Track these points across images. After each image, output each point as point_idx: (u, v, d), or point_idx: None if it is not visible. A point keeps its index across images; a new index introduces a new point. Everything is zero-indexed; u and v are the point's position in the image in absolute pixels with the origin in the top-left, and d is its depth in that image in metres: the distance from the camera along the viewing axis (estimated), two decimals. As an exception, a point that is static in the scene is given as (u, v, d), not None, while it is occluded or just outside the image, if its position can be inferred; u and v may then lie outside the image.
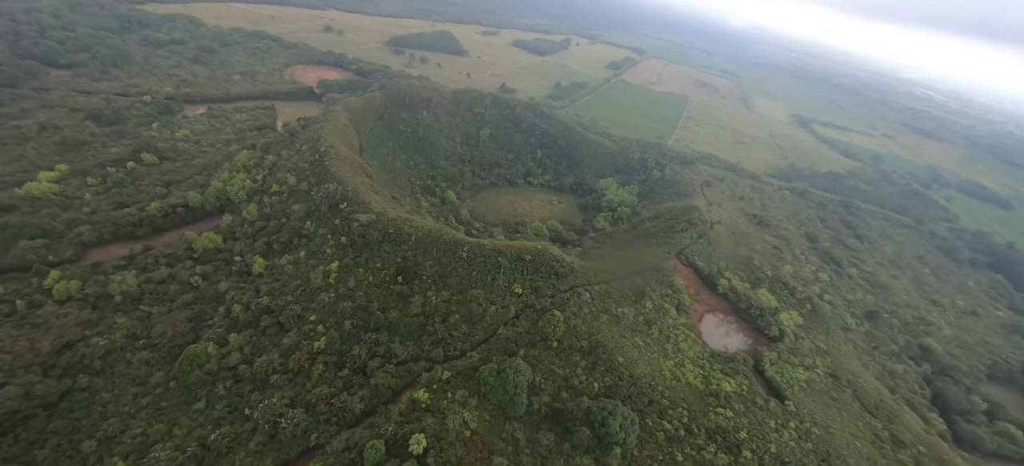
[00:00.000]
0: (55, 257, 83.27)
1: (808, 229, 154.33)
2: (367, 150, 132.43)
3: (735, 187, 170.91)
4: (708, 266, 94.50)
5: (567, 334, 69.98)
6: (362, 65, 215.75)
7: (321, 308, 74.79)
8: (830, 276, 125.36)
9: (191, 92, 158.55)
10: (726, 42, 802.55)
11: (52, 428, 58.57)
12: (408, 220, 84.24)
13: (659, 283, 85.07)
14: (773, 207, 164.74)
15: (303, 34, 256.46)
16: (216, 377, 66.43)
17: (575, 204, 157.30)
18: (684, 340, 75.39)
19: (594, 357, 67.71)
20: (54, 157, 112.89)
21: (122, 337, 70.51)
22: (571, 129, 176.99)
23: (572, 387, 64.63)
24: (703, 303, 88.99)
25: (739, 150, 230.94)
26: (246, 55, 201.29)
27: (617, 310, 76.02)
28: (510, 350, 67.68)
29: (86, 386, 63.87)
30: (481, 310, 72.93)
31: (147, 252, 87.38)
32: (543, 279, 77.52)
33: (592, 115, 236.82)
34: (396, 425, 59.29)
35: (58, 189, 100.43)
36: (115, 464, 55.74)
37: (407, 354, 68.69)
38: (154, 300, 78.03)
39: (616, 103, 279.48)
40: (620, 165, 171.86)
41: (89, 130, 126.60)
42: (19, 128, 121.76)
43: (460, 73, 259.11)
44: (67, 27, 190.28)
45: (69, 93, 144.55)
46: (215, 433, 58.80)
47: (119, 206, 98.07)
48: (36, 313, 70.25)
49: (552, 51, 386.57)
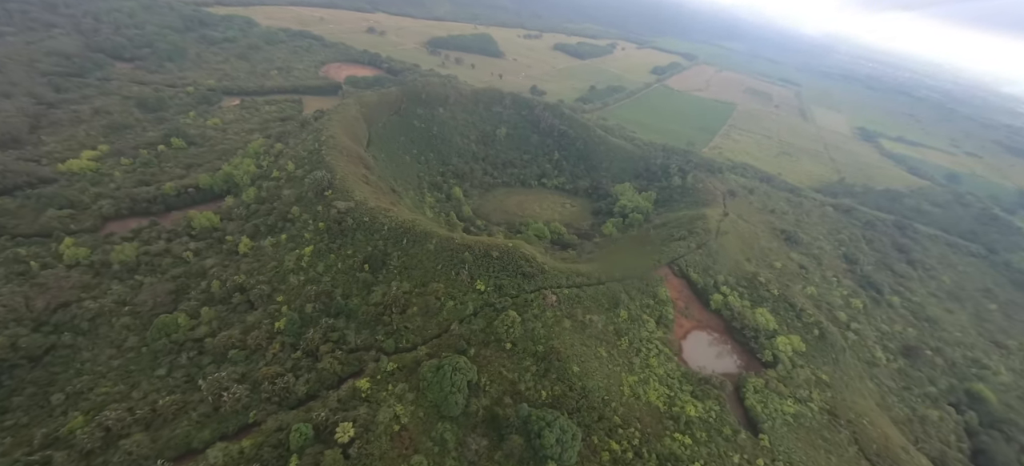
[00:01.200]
0: (76, 226, 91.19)
1: (849, 250, 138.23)
2: (377, 143, 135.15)
3: (767, 199, 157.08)
4: (703, 279, 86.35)
5: (523, 336, 66.22)
6: (393, 64, 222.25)
7: (289, 290, 76.27)
8: (864, 303, 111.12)
9: (230, 85, 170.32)
10: (794, 50, 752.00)
11: (31, 378, 63.54)
12: (384, 210, 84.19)
13: (640, 292, 78.71)
14: (810, 223, 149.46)
15: (346, 35, 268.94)
16: (181, 347, 69.30)
17: (588, 208, 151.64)
18: (655, 355, 68.90)
19: (547, 363, 63.47)
20: (99, 138, 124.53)
21: (111, 302, 75.59)
22: (591, 131, 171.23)
23: (518, 392, 60.87)
24: (693, 318, 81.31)
25: (783, 161, 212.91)
26: (287, 53, 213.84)
27: (584, 317, 71.06)
28: (460, 348, 65.10)
29: (70, 344, 68.89)
30: (439, 304, 71.00)
31: (153, 227, 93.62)
32: (509, 277, 74.20)
33: (624, 119, 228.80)
34: (331, 412, 58.67)
35: (94, 166, 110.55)
36: (75, 418, 59.22)
37: (359, 342, 68.19)
38: (148, 271, 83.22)
39: (653, 108, 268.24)
40: (640, 170, 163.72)
41: (134, 116, 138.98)
42: (77, 112, 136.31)
43: (492, 74, 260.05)
44: (138, 25, 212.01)
45: (126, 83, 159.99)
46: (166, 399, 61.04)
47: (141, 184, 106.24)
48: (41, 274, 76.99)
49: (594, 55, 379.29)
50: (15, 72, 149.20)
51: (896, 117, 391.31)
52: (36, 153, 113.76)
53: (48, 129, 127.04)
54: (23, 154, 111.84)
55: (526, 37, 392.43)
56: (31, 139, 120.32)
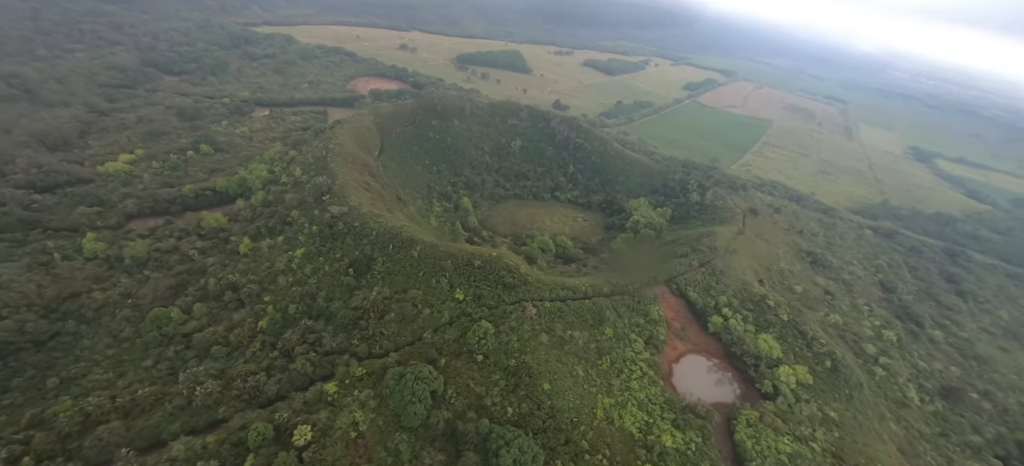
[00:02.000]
0: (102, 223, 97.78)
1: (886, 277, 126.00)
2: (389, 152, 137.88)
3: (795, 219, 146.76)
4: (703, 299, 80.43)
5: (496, 349, 63.73)
6: (419, 78, 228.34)
7: (277, 290, 77.72)
8: (899, 336, 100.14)
9: (263, 97, 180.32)
10: (846, 67, 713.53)
11: (33, 361, 67.51)
12: (375, 216, 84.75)
13: (630, 310, 74.24)
14: (842, 246, 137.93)
15: (379, 51, 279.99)
16: (171, 340, 71.74)
17: (600, 222, 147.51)
18: (638, 378, 64.22)
19: (517, 378, 60.56)
20: (138, 143, 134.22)
21: (117, 294, 79.82)
22: (607, 145, 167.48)
23: (483, 407, 58.28)
24: (688, 341, 75.67)
25: (820, 180, 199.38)
26: (320, 68, 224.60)
27: (565, 332, 67.63)
28: (430, 357, 63.53)
29: (73, 331, 73.00)
30: (416, 311, 69.90)
31: (167, 225, 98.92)
32: (489, 287, 72.13)
33: (648, 135, 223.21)
34: (294, 413, 58.48)
35: (128, 169, 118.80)
36: (64, 401, 62.10)
37: (335, 345, 68.06)
38: (156, 266, 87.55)
39: (681, 124, 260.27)
40: (657, 185, 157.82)
41: (172, 124, 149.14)
42: (123, 120, 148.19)
43: (516, 89, 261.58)
44: (190, 43, 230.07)
45: (170, 94, 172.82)
46: (146, 390, 62.98)
47: (165, 186, 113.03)
48: (59, 265, 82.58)
49: (625, 71, 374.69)
50: (76, 84, 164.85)
51: (958, 137, 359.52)
52: (81, 156, 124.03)
53: (96, 134, 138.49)
54: (69, 156, 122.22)
55: (556, 54, 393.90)
56: (79, 143, 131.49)
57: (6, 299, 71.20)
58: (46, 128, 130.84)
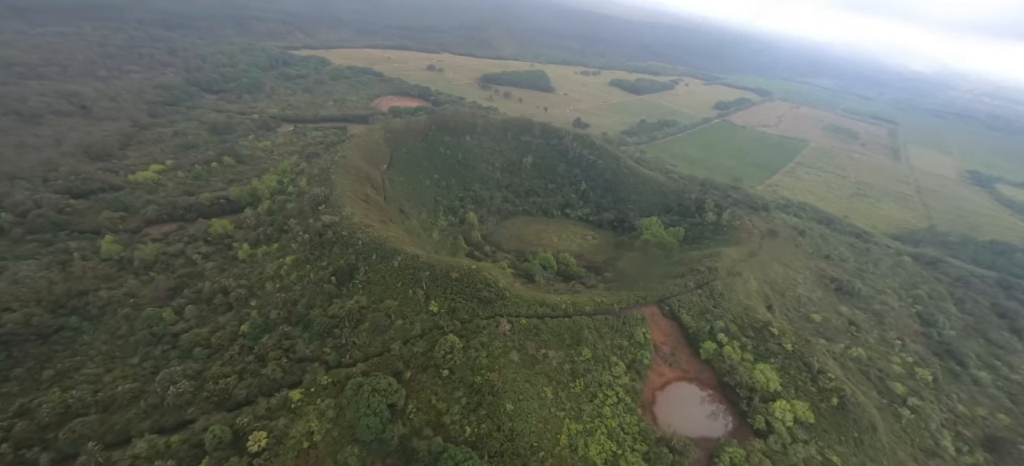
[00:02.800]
0: (123, 227, 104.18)
1: (926, 309, 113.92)
2: (398, 166, 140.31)
3: (823, 243, 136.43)
4: (697, 323, 74.69)
5: (463, 365, 61.44)
6: (440, 97, 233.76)
7: (263, 296, 79.18)
8: (935, 375, 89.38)
9: (290, 113, 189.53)
10: (896, 87, 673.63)
11: (35, 353, 71.34)
12: (363, 225, 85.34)
13: (612, 331, 69.93)
14: (875, 274, 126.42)
15: (406, 72, 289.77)
16: (160, 340, 74.09)
17: (610, 241, 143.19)
18: (613, 404, 59.77)
19: (480, 396, 57.87)
20: (169, 155, 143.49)
21: (121, 294, 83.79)
22: (621, 162, 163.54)
23: (441, 424, 55.89)
24: (678, 367, 70.20)
25: (856, 203, 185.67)
26: (347, 87, 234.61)
27: (538, 351, 64.37)
28: (396, 369, 62.05)
29: (76, 327, 76.85)
30: (388, 322, 68.93)
31: (179, 231, 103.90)
32: (465, 301, 70.20)
33: (670, 153, 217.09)
34: (255, 418, 58.34)
35: (157, 177, 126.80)
36: (54, 393, 64.94)
37: (308, 352, 67.97)
38: (161, 269, 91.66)
39: (707, 143, 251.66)
40: (672, 204, 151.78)
41: (203, 137, 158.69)
42: (161, 133, 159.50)
43: (538, 107, 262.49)
44: (233, 64, 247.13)
45: (207, 111, 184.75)
46: (126, 386, 64.93)
47: (185, 193, 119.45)
48: (75, 264, 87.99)
49: (652, 91, 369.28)
50: (125, 101, 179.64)
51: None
52: (118, 165, 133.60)
53: (135, 147, 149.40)
54: (107, 165, 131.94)
55: (583, 74, 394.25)
56: (119, 154, 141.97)
57: (18, 293, 76.24)
58: (91, 140, 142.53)
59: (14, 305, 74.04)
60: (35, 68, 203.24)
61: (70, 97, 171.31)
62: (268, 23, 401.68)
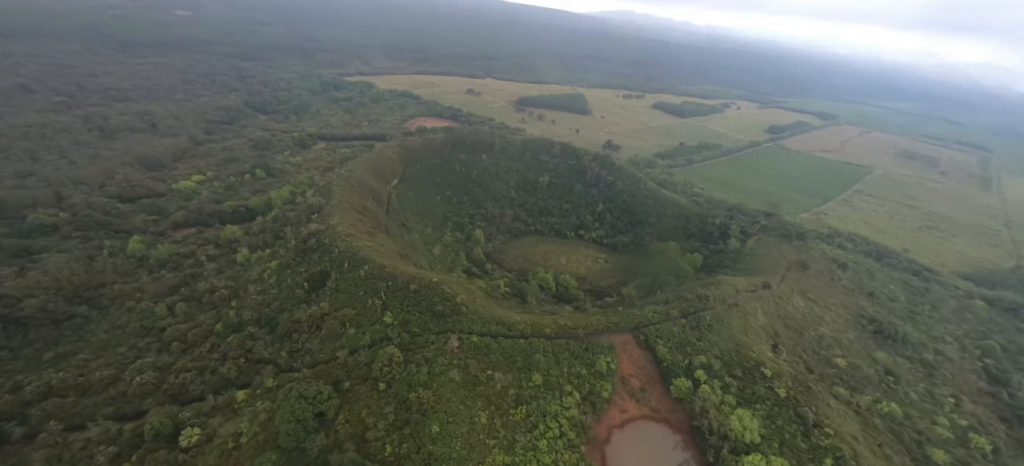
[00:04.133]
0: (153, 229, 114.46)
1: (997, 363, 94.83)
2: (410, 181, 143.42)
3: (868, 279, 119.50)
4: (673, 356, 66.46)
5: (401, 379, 59.01)
6: (470, 118, 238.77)
7: (243, 297, 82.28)
8: (996, 445, 73.07)
9: (326, 132, 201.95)
10: (995, 111, 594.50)
11: (45, 336, 78.65)
12: (343, 235, 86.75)
13: (572, 357, 64.04)
14: (934, 319, 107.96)
15: (445, 95, 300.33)
16: (148, 332, 78.97)
17: (622, 265, 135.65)
18: (552, 438, 53.85)
19: (409, 414, 54.89)
20: (211, 167, 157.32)
21: (131, 288, 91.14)
22: (641, 184, 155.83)
23: (365, 440, 53.49)
24: (646, 404, 62.51)
25: (923, 237, 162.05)
26: (385, 109, 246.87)
27: (483, 371, 60.33)
28: (337, 377, 60.96)
29: (85, 316, 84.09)
30: (343, 330, 68.41)
31: (198, 234, 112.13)
32: (419, 313, 68.06)
33: (707, 177, 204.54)
34: (197, 414, 59.60)
35: (195, 186, 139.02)
36: (49, 373, 70.81)
37: (265, 354, 69.02)
38: (172, 268, 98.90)
39: (751, 168, 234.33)
40: (694, 229, 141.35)
41: (245, 153, 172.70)
42: (210, 149, 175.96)
43: (570, 129, 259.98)
44: (288, 88, 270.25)
45: (256, 129, 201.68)
46: (104, 372, 69.34)
47: (213, 202, 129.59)
48: (101, 259, 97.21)
49: (699, 114, 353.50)
50: (188, 120, 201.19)
51: None
52: (167, 175, 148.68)
53: (187, 159, 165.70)
54: (157, 175, 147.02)
55: (625, 97, 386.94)
56: (171, 165, 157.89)
57: (42, 282, 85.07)
58: (150, 152, 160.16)
59: (36, 291, 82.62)
60: (125, 92, 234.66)
61: (144, 116, 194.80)
62: (331, 54, 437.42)
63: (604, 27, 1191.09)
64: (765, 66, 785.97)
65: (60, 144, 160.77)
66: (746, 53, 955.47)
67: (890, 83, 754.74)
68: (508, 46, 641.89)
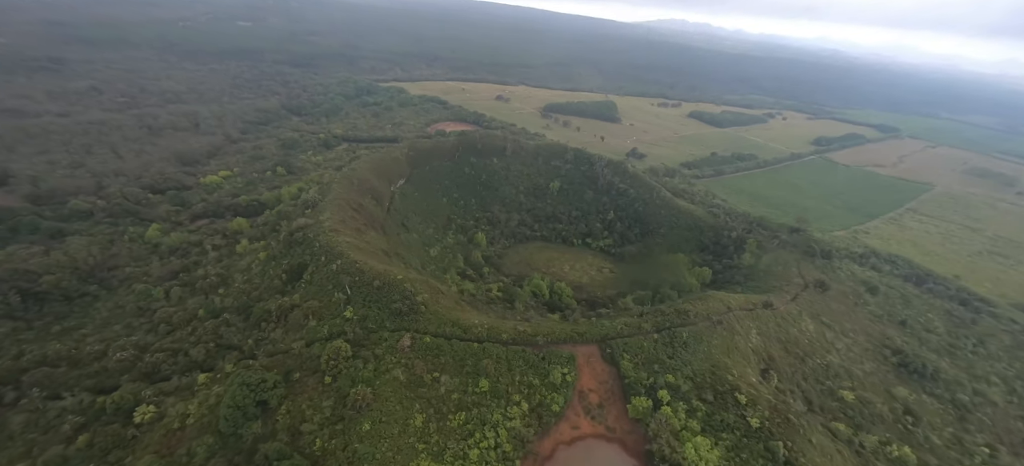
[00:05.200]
0: (174, 218, 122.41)
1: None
2: (417, 182, 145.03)
3: (903, 306, 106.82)
4: (637, 373, 61.25)
5: (346, 374, 58.45)
6: (493, 123, 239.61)
7: (230, 285, 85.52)
8: (1033, 509, 62.04)
9: (351, 133, 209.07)
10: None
11: (56, 311, 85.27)
12: (326, 230, 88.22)
13: (526, 366, 60.67)
14: (978, 356, 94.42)
15: (473, 101, 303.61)
16: (143, 313, 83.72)
17: (627, 275, 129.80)
18: (486, 449, 50.76)
19: (343, 410, 54.08)
20: (239, 164, 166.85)
21: (141, 272, 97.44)
22: (655, 193, 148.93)
23: (299, 433, 53.18)
24: (602, 422, 57.93)
25: (983, 263, 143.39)
26: (411, 113, 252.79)
27: (429, 373, 58.52)
28: (288, 367, 61.44)
29: (95, 294, 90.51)
30: (305, 322, 69.09)
31: (210, 224, 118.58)
32: (378, 309, 67.37)
33: (737, 189, 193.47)
34: (157, 393, 61.92)
35: (219, 181, 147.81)
36: (52, 344, 76.48)
37: (233, 341, 71.05)
38: (180, 255, 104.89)
39: (789, 181, 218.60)
40: (707, 242, 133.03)
41: (271, 151, 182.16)
42: (242, 148, 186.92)
43: (595, 136, 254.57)
44: (325, 93, 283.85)
45: (287, 130, 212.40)
46: (94, 348, 73.97)
47: (231, 196, 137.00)
48: (120, 243, 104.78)
49: (739, 124, 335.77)
50: (228, 121, 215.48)
51: None
52: (199, 170, 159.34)
53: (219, 156, 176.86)
54: (190, 170, 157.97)
55: (660, 105, 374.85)
56: (204, 161, 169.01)
57: (61, 261, 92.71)
58: (187, 149, 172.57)
59: (54, 269, 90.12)
60: (180, 95, 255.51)
61: (189, 116, 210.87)
62: (372, 61, 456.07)
63: (651, 36, 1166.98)
64: (822, 76, 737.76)
65: (112, 139, 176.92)
66: (802, 62, 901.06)
67: (968, 94, 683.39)
68: (547, 55, 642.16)
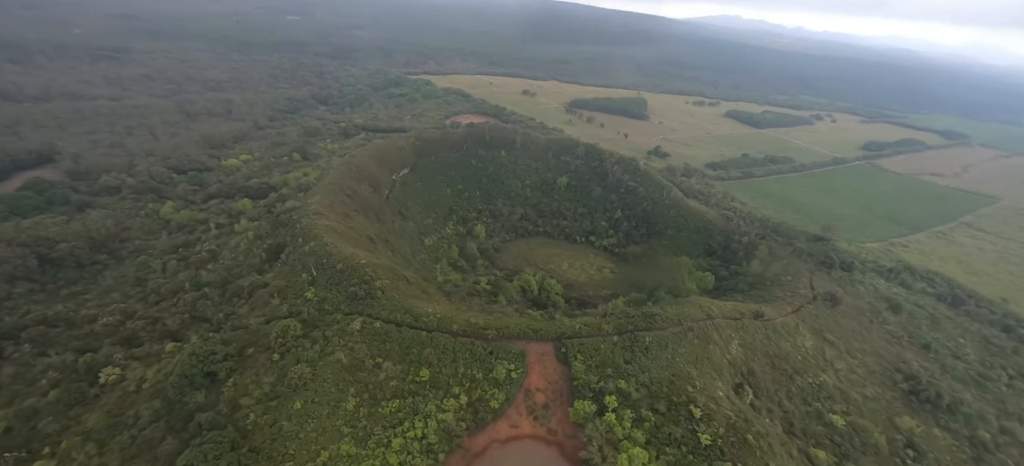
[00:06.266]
0: (190, 197, 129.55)
1: (1097, 464, 69.72)
2: (420, 172, 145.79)
3: (930, 327, 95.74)
4: (588, 376, 57.52)
5: (293, 352, 59.04)
6: (512, 117, 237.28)
7: (218, 261, 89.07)
8: None
9: (370, 123, 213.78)
10: None
11: (68, 276, 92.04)
12: (311, 213, 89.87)
13: (471, 358, 58.61)
14: (1015, 390, 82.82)
15: (498, 95, 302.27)
16: (140, 282, 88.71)
17: (627, 276, 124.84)
18: (411, 439, 49.33)
19: (282, 387, 54.51)
20: (260, 149, 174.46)
21: (147, 245, 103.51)
22: (666, 192, 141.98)
23: (238, 406, 54.16)
24: (544, 424, 55.00)
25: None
26: (433, 105, 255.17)
27: (372, 358, 57.89)
28: (245, 342, 62.92)
29: (105, 263, 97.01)
30: (269, 300, 70.55)
31: (220, 203, 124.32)
32: (337, 292, 67.62)
33: (762, 192, 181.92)
34: (128, 357, 65.19)
35: (239, 164, 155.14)
36: (56, 306, 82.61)
37: (206, 313, 73.82)
38: (186, 231, 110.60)
39: (826, 187, 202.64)
40: (716, 246, 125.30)
41: (292, 138, 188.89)
42: (266, 134, 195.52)
43: (618, 133, 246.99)
44: (354, 84, 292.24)
45: (312, 119, 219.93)
46: (88, 312, 79.16)
47: (245, 178, 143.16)
48: (137, 218, 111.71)
49: (781, 125, 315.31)
50: (257, 108, 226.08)
51: None
52: (223, 153, 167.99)
53: (244, 141, 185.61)
54: (216, 152, 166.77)
55: (695, 104, 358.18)
56: (230, 145, 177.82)
57: (77, 230, 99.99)
58: (216, 133, 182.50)
59: (70, 238, 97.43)
60: (221, 83, 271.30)
61: (224, 103, 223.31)
62: (408, 54, 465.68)
63: (699, 33, 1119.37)
64: (887, 77, 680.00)
65: (152, 122, 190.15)
66: (867, 62, 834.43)
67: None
68: (584, 50, 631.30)
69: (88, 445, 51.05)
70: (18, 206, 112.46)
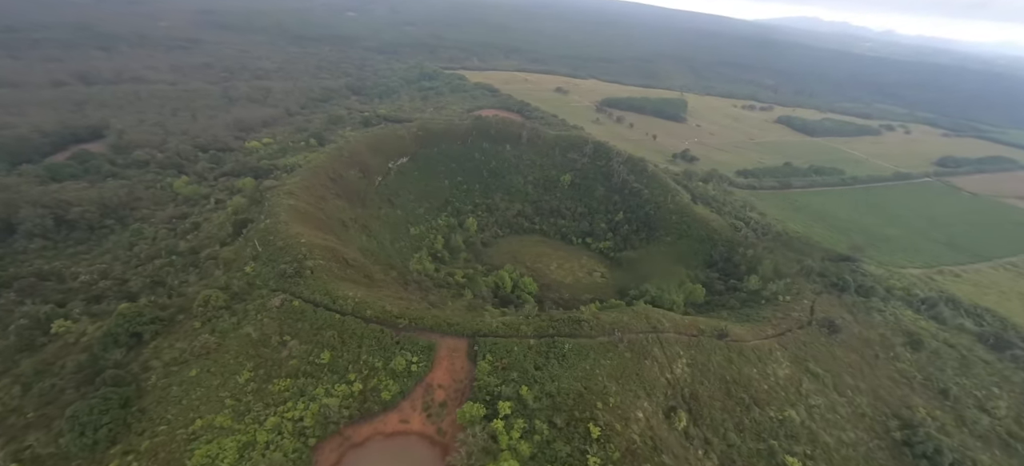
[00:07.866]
0: (205, 174, 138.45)
1: None
2: (420, 161, 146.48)
3: (958, 370, 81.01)
4: (489, 378, 52.94)
5: (208, 322, 60.25)
6: (535, 112, 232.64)
7: (197, 231, 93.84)
8: None
9: (393, 114, 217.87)
10: None
11: (75, 237, 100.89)
12: (286, 192, 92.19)
13: (376, 346, 56.27)
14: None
15: (528, 92, 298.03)
16: (130, 247, 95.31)
17: (617, 282, 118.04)
18: (286, 420, 48.01)
19: (184, 356, 55.54)
20: (284, 134, 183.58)
21: (150, 214, 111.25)
22: (671, 197, 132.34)
23: (148, 367, 55.86)
24: (437, 422, 51.53)
25: None
26: (459, 99, 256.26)
27: (281, 335, 57.52)
28: (180, 308, 65.19)
29: (111, 228, 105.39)
30: (213, 271, 72.77)
31: (227, 181, 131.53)
32: (271, 268, 68.18)
33: (802, 205, 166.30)
34: (86, 312, 69.77)
35: (259, 146, 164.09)
36: (56, 261, 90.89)
37: (167, 280, 77.61)
38: (190, 205, 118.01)
39: (878, 202, 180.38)
40: (717, 257, 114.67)
41: (315, 125, 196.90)
42: (294, 121, 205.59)
43: (647, 134, 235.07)
44: (389, 76, 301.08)
45: (339, 108, 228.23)
46: (75, 269, 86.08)
47: (259, 160, 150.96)
48: (152, 191, 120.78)
49: (839, 134, 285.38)
50: (292, 96, 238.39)
51: None
52: (249, 135, 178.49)
53: (272, 126, 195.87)
54: (240, 134, 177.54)
55: (743, 108, 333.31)
56: (258, 129, 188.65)
57: (93, 196, 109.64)
58: (248, 117, 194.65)
59: (83, 202, 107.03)
60: (269, 73, 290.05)
61: (263, 90, 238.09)
62: (453, 50, 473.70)
63: (768, 35, 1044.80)
64: (988, 87, 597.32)
65: (196, 105, 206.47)
66: (965, 70, 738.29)
67: None
68: (633, 49, 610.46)
69: (15, 387, 54.79)
70: (58, 173, 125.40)
